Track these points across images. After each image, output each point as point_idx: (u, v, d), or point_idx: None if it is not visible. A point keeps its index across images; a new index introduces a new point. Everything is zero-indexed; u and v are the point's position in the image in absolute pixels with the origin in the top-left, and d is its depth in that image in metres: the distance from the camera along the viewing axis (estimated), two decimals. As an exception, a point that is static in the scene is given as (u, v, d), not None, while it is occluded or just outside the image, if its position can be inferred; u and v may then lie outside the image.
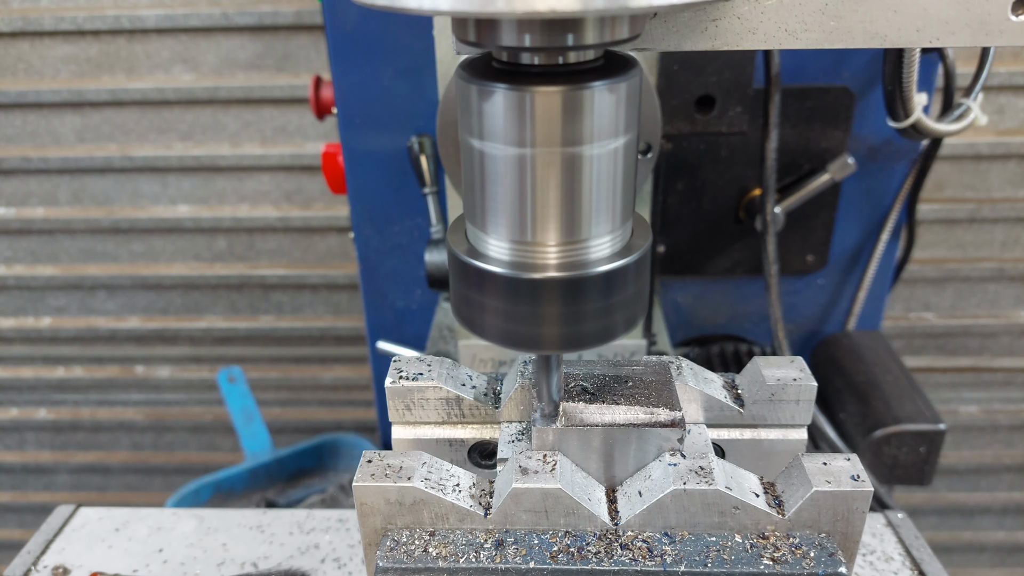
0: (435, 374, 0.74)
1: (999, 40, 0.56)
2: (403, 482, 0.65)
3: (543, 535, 0.66)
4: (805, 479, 0.65)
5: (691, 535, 0.66)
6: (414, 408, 0.74)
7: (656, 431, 0.67)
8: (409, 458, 0.68)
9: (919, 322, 2.67)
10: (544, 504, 0.65)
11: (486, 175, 0.58)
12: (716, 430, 0.75)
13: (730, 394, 0.76)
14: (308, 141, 2.53)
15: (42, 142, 2.58)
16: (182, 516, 1.01)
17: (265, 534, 0.98)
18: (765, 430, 0.75)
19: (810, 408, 0.74)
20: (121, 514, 1.02)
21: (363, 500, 0.66)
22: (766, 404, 0.74)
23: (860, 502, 0.64)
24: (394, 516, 0.67)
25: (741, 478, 0.67)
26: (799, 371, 0.74)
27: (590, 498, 0.67)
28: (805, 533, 0.65)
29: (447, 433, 0.75)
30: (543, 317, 0.60)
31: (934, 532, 2.98)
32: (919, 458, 1.36)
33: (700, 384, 0.74)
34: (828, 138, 1.44)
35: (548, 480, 0.64)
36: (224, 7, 2.35)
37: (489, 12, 0.45)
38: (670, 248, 1.54)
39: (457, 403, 0.74)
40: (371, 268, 1.59)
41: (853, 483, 0.64)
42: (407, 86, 1.38)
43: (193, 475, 2.64)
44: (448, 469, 0.69)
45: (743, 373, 0.77)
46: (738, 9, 0.58)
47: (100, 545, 0.97)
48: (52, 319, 2.85)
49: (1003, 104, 2.38)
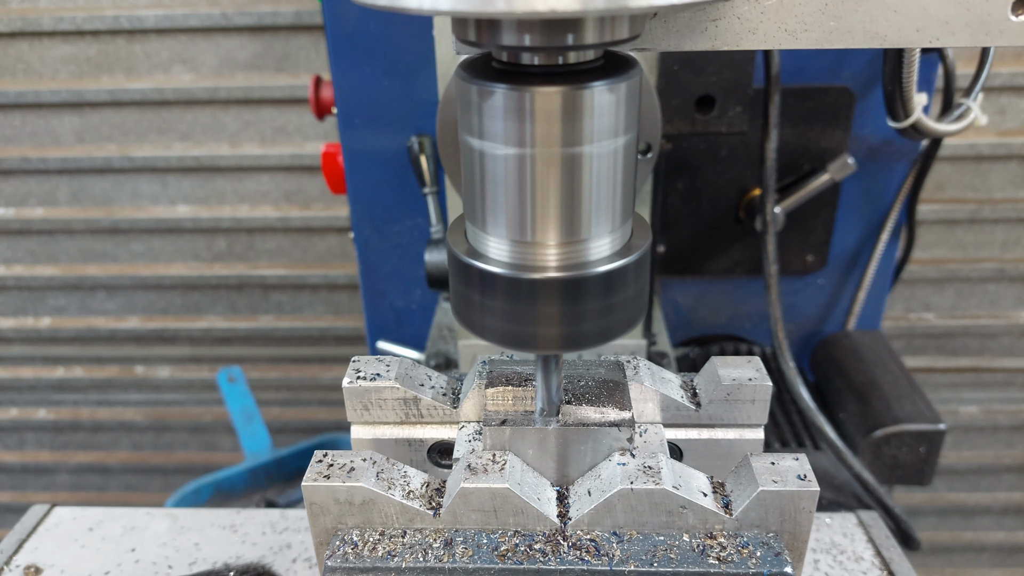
0: (393, 374, 0.74)
1: (999, 40, 0.56)
2: (352, 482, 0.65)
3: (492, 535, 0.66)
4: (752, 479, 0.65)
5: (639, 534, 0.66)
6: (372, 408, 0.75)
7: (606, 430, 0.67)
8: (360, 458, 0.68)
9: (919, 322, 2.67)
10: (493, 504, 0.65)
11: (486, 175, 0.58)
12: (673, 430, 0.75)
13: (687, 394, 0.76)
14: (308, 141, 2.52)
15: (41, 142, 2.58)
16: (156, 516, 1.01)
17: (238, 534, 0.98)
18: (722, 430, 0.75)
19: (766, 408, 0.74)
20: (95, 514, 1.02)
21: (313, 500, 0.66)
22: (722, 404, 0.74)
23: (807, 502, 0.64)
24: (344, 516, 0.67)
25: (690, 477, 0.67)
26: (755, 371, 0.74)
27: (539, 497, 0.67)
28: (753, 533, 0.65)
29: (406, 433, 0.76)
30: (543, 317, 0.60)
31: (934, 532, 2.98)
32: (919, 458, 1.36)
33: (657, 384, 0.74)
34: (828, 138, 1.44)
35: (496, 480, 0.64)
36: (224, 7, 2.35)
37: (489, 12, 0.45)
38: (670, 248, 1.54)
39: (415, 403, 0.74)
40: (371, 268, 1.59)
41: (799, 483, 0.64)
42: (407, 86, 1.38)
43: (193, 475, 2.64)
44: (400, 469, 0.69)
45: (701, 373, 0.77)
46: (738, 9, 0.57)
47: (73, 545, 0.97)
48: (52, 319, 2.85)
49: (1004, 105, 2.38)
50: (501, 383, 0.72)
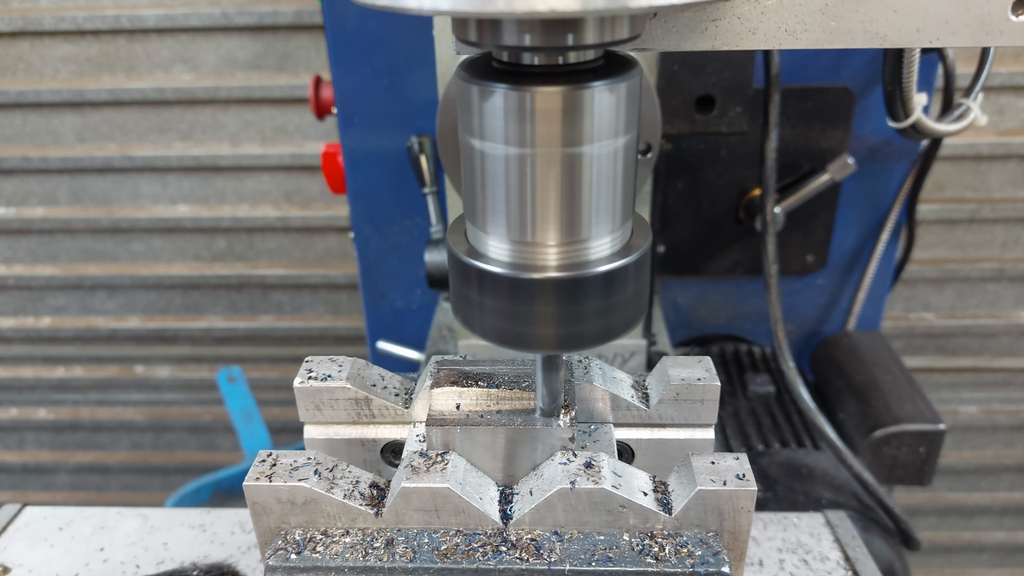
0: (344, 374, 0.74)
1: (999, 40, 0.56)
2: (293, 482, 0.65)
3: (434, 534, 0.66)
4: (692, 478, 0.65)
5: (580, 534, 0.66)
6: (324, 408, 0.75)
7: (548, 430, 0.67)
8: (304, 458, 0.68)
9: (919, 322, 2.67)
10: (434, 503, 0.65)
11: (486, 175, 0.58)
12: (624, 429, 0.75)
13: (638, 393, 0.76)
14: (308, 141, 2.53)
15: (42, 142, 2.58)
16: (126, 515, 1.02)
17: (207, 533, 0.99)
18: (672, 430, 0.75)
19: (715, 408, 0.74)
20: (66, 513, 1.02)
21: (255, 499, 0.66)
22: (672, 404, 0.74)
23: (745, 501, 0.64)
24: (287, 515, 0.67)
25: (631, 477, 0.67)
26: (705, 371, 0.74)
27: (481, 497, 0.67)
28: (692, 532, 0.65)
29: (358, 433, 0.76)
30: (543, 317, 0.60)
31: (934, 532, 2.98)
32: (919, 458, 1.36)
33: (607, 384, 0.74)
34: (828, 138, 1.44)
35: (437, 480, 0.65)
36: (224, 7, 2.35)
37: (489, 12, 0.45)
38: (670, 248, 1.54)
39: (366, 403, 0.74)
40: (371, 268, 1.59)
41: (738, 482, 0.64)
42: (407, 86, 1.38)
43: (193, 475, 2.64)
44: (345, 468, 0.69)
45: (652, 373, 0.77)
46: (738, 9, 0.58)
47: (43, 544, 0.97)
48: (52, 319, 2.85)
49: (1003, 104, 2.38)
50: (447, 383, 0.72)
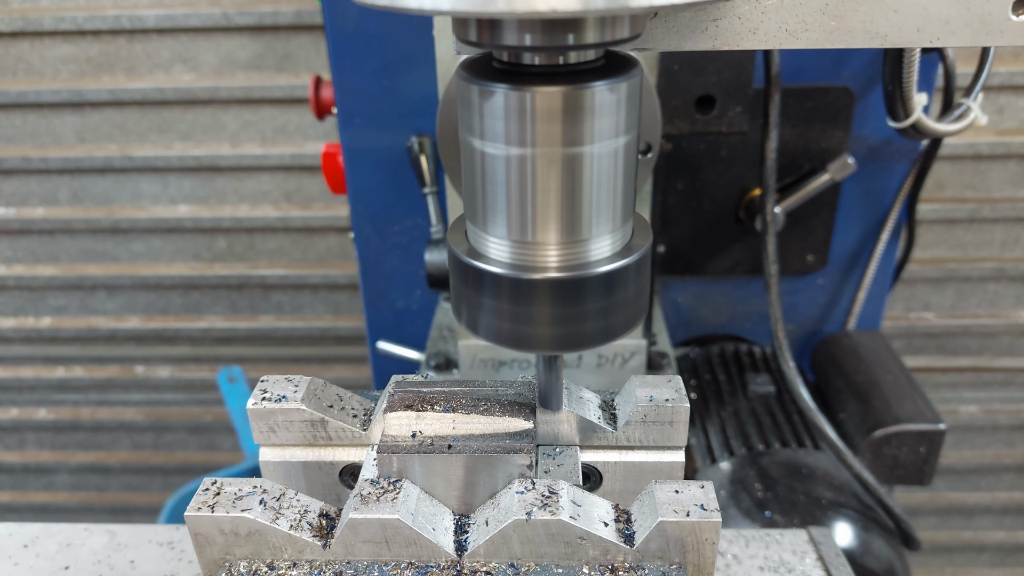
0: (300, 395, 0.71)
1: (1000, 40, 0.56)
2: (236, 512, 0.63)
3: (385, 567, 0.63)
4: (654, 508, 0.62)
5: (538, 566, 0.63)
6: (278, 430, 0.72)
7: (504, 457, 0.65)
8: (249, 486, 0.65)
9: (919, 322, 2.67)
10: (384, 535, 0.62)
11: (487, 175, 0.58)
12: (592, 452, 0.72)
13: (605, 415, 0.72)
14: (308, 141, 2.53)
15: (42, 142, 2.58)
16: (94, 532, 0.99)
17: (175, 551, 0.95)
18: (641, 452, 0.72)
19: (684, 429, 0.71)
20: (32, 530, 0.99)
21: (197, 530, 0.64)
22: (640, 425, 0.70)
23: (709, 533, 0.62)
24: (232, 547, 0.64)
25: (591, 506, 0.64)
26: (674, 391, 0.71)
27: (435, 528, 0.64)
28: (655, 565, 0.63)
29: (315, 455, 0.73)
30: (543, 317, 0.60)
31: (934, 532, 2.98)
32: (919, 458, 1.36)
33: (572, 404, 0.71)
34: (828, 138, 1.44)
35: (387, 510, 0.62)
36: (224, 7, 2.35)
37: (490, 12, 0.45)
38: (670, 248, 1.54)
39: (322, 425, 0.71)
40: (371, 268, 1.59)
41: (702, 513, 0.62)
42: (407, 86, 1.38)
43: (193, 475, 2.64)
44: (293, 497, 0.66)
45: (620, 393, 0.74)
46: (738, 9, 0.58)
47: (6, 562, 0.94)
48: (52, 319, 2.85)
49: (1003, 104, 2.38)
50: (402, 407, 0.69)
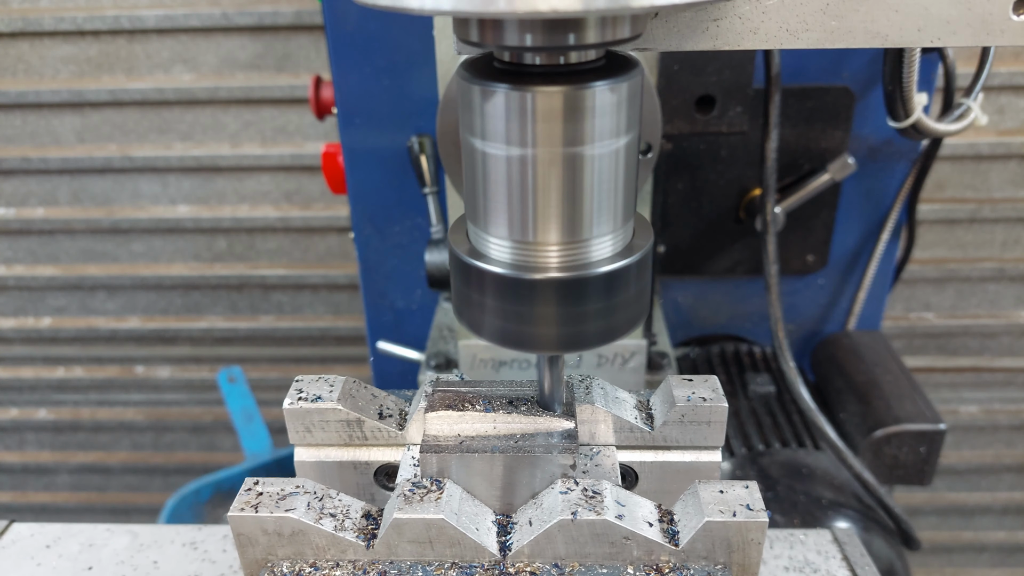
0: (336, 395, 0.71)
1: (1000, 40, 0.56)
2: (280, 512, 0.63)
3: (428, 567, 0.63)
4: (699, 508, 0.62)
5: (582, 566, 0.63)
6: (314, 430, 0.72)
7: (548, 456, 0.65)
8: (292, 486, 0.65)
9: (919, 322, 2.67)
10: (428, 535, 0.62)
11: (488, 175, 0.58)
12: (628, 452, 0.72)
13: (642, 415, 0.72)
14: (308, 141, 2.52)
15: (42, 142, 2.57)
16: (115, 532, 0.99)
17: (198, 551, 0.95)
18: (677, 452, 0.72)
19: (722, 429, 0.71)
20: (53, 530, 0.99)
21: (240, 531, 0.64)
22: (677, 425, 0.70)
23: (755, 533, 0.61)
24: (275, 547, 0.64)
25: (635, 506, 0.64)
26: (711, 391, 0.71)
27: (478, 528, 0.64)
28: (700, 565, 0.62)
29: (351, 455, 0.73)
30: (544, 317, 0.60)
31: (934, 532, 2.98)
32: (919, 458, 1.36)
33: (610, 405, 0.71)
34: (828, 138, 1.44)
35: (431, 510, 0.62)
36: (224, 7, 2.35)
37: (491, 12, 0.45)
38: (670, 248, 1.54)
39: (358, 425, 0.71)
40: (371, 268, 1.58)
41: (748, 513, 0.61)
42: (407, 86, 1.38)
43: (193, 475, 2.64)
44: (335, 497, 0.66)
45: (656, 392, 0.74)
46: (739, 9, 0.58)
47: (29, 563, 0.94)
48: (52, 319, 2.85)
49: (1004, 104, 2.38)
50: (443, 407, 0.69)
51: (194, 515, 2.39)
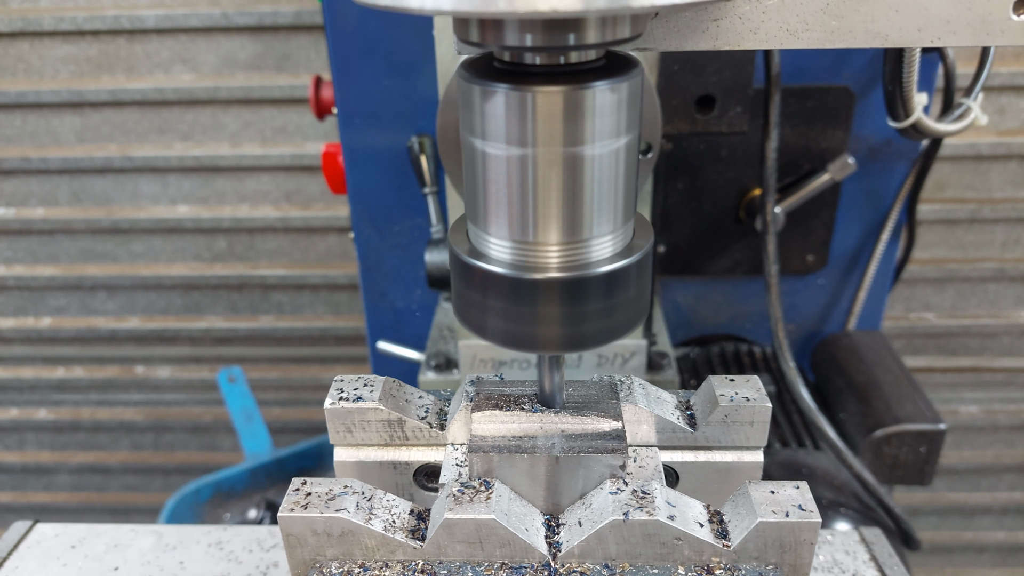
0: (377, 395, 0.71)
1: (1000, 40, 0.56)
2: (330, 512, 0.63)
3: (478, 567, 0.63)
4: (751, 509, 0.62)
5: (632, 567, 0.63)
6: (355, 430, 0.72)
7: (597, 457, 0.65)
8: (340, 486, 0.65)
9: (919, 322, 2.67)
10: (478, 535, 0.62)
11: (488, 175, 0.58)
12: (669, 452, 0.72)
13: (683, 415, 0.72)
14: (308, 141, 2.52)
15: (42, 142, 2.57)
16: (140, 532, 0.99)
17: (224, 551, 0.96)
18: (719, 452, 0.72)
19: (765, 430, 0.70)
20: (78, 531, 0.99)
21: (289, 531, 0.64)
22: (720, 426, 0.70)
23: (808, 533, 0.61)
24: (323, 547, 0.64)
25: (685, 507, 0.64)
26: (755, 391, 0.70)
27: (527, 528, 0.64)
28: (751, 565, 0.62)
29: (390, 455, 0.72)
30: (544, 317, 0.60)
31: (934, 532, 2.98)
32: (919, 458, 1.36)
33: (651, 405, 0.71)
34: (828, 138, 1.44)
35: (482, 510, 0.62)
36: (224, 7, 2.35)
37: (491, 12, 0.45)
38: (670, 248, 1.54)
39: (400, 425, 0.71)
40: (371, 268, 1.58)
41: (800, 513, 0.61)
42: (407, 86, 1.38)
43: (193, 475, 2.64)
44: (383, 497, 0.66)
45: (697, 392, 0.74)
46: (740, 9, 0.58)
47: (55, 563, 0.94)
48: (52, 319, 2.85)
49: (1004, 104, 2.38)
50: (489, 406, 0.69)
51: (194, 515, 2.39)
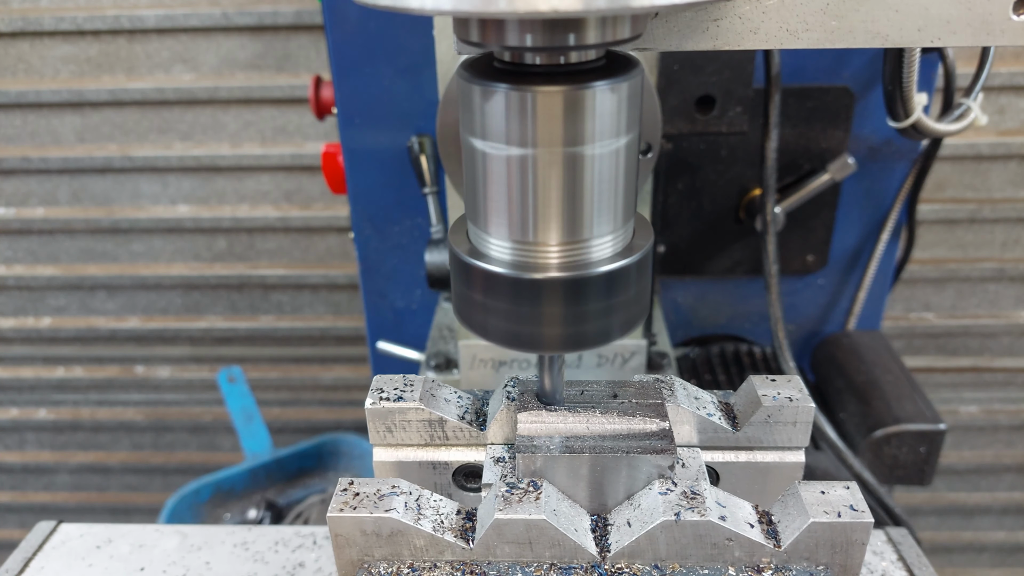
0: (416, 394, 0.71)
1: (1000, 40, 0.56)
2: (380, 512, 0.62)
3: (527, 567, 0.63)
4: (802, 509, 0.62)
5: (682, 567, 0.63)
6: (395, 430, 0.71)
7: (646, 457, 0.65)
8: (388, 486, 0.65)
9: (919, 322, 2.67)
10: (528, 535, 0.62)
11: (488, 175, 0.58)
12: (710, 452, 0.72)
13: (724, 415, 0.72)
14: (308, 141, 2.52)
15: (42, 142, 2.57)
16: (165, 533, 0.99)
17: (249, 551, 0.96)
18: (761, 452, 0.71)
19: (808, 430, 0.70)
20: (103, 531, 0.99)
21: (338, 531, 0.63)
22: (762, 426, 0.70)
23: (860, 533, 0.61)
24: (371, 548, 0.64)
25: (735, 507, 0.64)
26: (797, 391, 0.70)
27: (576, 529, 0.64)
28: (802, 566, 0.62)
29: (430, 456, 0.72)
30: (544, 317, 0.60)
31: (934, 532, 2.98)
32: (919, 458, 1.36)
33: (692, 405, 0.71)
34: (828, 138, 1.44)
35: (532, 510, 0.62)
36: (224, 7, 2.35)
37: (491, 12, 0.45)
38: (670, 248, 1.54)
39: (440, 425, 0.71)
40: (371, 268, 1.59)
41: (852, 514, 0.61)
42: (407, 86, 1.38)
43: (193, 475, 2.64)
44: (430, 497, 0.66)
45: (738, 392, 0.74)
46: (740, 9, 0.58)
47: (80, 563, 0.94)
48: (52, 319, 2.85)
49: (1004, 104, 2.38)
50: (533, 407, 0.69)
51: (194, 515, 2.39)
